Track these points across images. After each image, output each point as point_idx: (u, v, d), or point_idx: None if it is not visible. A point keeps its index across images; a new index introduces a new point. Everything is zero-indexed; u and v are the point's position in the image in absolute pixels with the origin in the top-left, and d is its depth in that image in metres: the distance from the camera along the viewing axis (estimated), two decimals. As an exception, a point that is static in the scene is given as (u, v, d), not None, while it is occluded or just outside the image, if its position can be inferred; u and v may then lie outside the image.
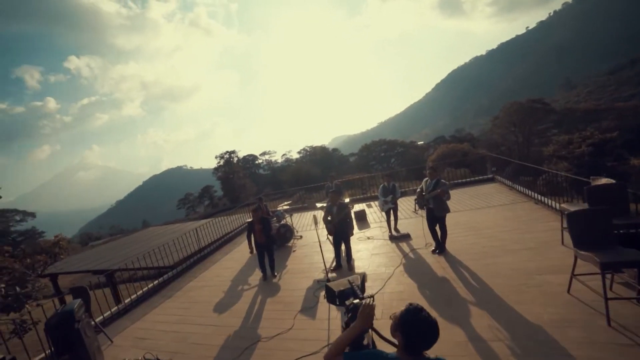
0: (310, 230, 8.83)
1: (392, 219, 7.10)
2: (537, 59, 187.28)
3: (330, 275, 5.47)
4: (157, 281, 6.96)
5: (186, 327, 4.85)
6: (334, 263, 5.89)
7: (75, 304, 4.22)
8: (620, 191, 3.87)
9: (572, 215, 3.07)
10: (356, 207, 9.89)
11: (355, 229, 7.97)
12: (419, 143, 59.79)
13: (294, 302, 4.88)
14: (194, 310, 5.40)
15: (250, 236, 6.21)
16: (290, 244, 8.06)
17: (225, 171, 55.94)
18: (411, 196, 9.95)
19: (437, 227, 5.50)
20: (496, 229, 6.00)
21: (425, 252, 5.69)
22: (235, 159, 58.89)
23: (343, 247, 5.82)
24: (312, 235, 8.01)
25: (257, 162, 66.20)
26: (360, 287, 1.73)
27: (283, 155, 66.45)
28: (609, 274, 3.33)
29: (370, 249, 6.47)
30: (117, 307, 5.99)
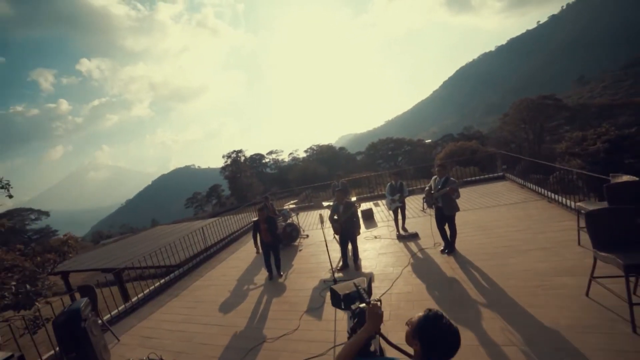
0: (316, 229, 8.75)
1: (399, 218, 6.97)
2: (548, 54, 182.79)
3: (336, 275, 5.39)
4: (164, 280, 6.98)
5: (192, 326, 4.84)
6: (341, 263, 5.81)
7: (82, 302, 4.24)
8: (644, 189, 3.66)
9: (591, 214, 2.91)
10: (363, 205, 9.77)
11: (362, 228, 7.86)
12: (426, 141, 59.13)
13: (300, 302, 4.82)
14: (200, 310, 5.39)
15: (256, 235, 6.17)
16: (296, 243, 8.00)
17: (232, 170, 56.30)
18: (419, 195, 9.78)
19: (446, 227, 5.37)
20: (507, 229, 5.82)
21: (433, 252, 5.56)
22: (242, 158, 59.21)
23: (350, 246, 5.73)
24: (318, 234, 7.93)
25: (264, 161, 66.42)
26: (366, 291, 1.63)
27: (290, 154, 66.55)
28: (633, 276, 3.14)
29: (377, 249, 6.36)
30: (124, 305, 6.02)
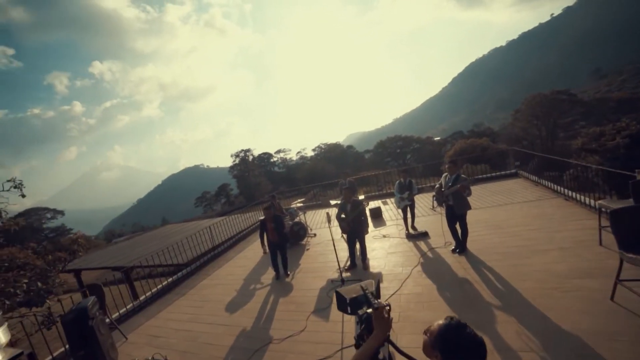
0: (324, 228, 8.66)
1: (408, 216, 6.82)
2: (562, 48, 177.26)
3: (344, 275, 5.28)
4: (172, 279, 7.00)
5: (198, 326, 4.81)
6: (349, 262, 5.70)
7: (89, 301, 4.24)
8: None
9: (617, 212, 2.72)
10: (371, 204, 9.63)
11: (371, 227, 7.73)
12: (435, 139, 58.28)
13: (307, 302, 4.73)
14: (206, 309, 5.36)
15: (263, 235, 6.11)
16: (303, 242, 7.92)
17: (240, 169, 56.70)
18: (428, 193, 9.58)
19: (457, 225, 5.20)
20: (522, 227, 5.60)
21: (444, 252, 5.40)
22: (251, 157, 59.56)
23: (358, 245, 5.62)
24: (326, 233, 7.84)
25: (272, 160, 66.62)
26: (374, 294, 1.52)
27: (298, 152, 66.56)
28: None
29: (386, 248, 6.22)
30: (132, 303, 6.05)
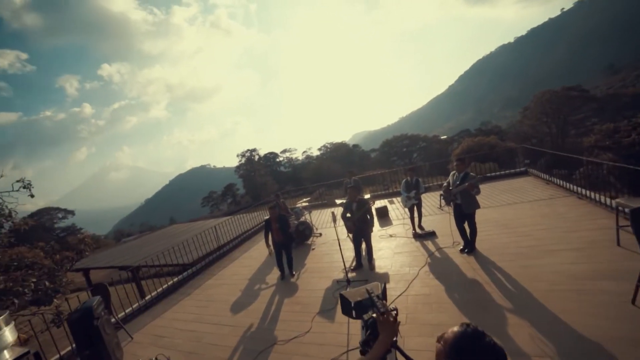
0: (329, 228, 8.58)
1: (415, 215, 6.69)
2: (573, 44, 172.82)
3: (350, 275, 5.20)
4: (177, 278, 7.00)
5: (202, 326, 4.78)
6: (354, 262, 5.61)
7: (94, 301, 4.24)
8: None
9: (638, 212, 2.58)
10: (378, 203, 9.52)
11: (377, 226, 7.62)
12: (442, 137, 57.66)
13: (312, 303, 4.66)
14: (211, 309, 5.33)
15: (268, 235, 6.06)
16: (309, 241, 7.86)
17: (246, 169, 56.94)
18: (436, 191, 9.42)
19: (466, 224, 5.07)
20: (533, 227, 5.44)
21: (452, 252, 5.27)
22: (257, 156, 59.75)
23: (364, 245, 5.53)
24: (332, 233, 7.76)
25: (277, 159, 66.72)
26: (380, 298, 1.44)
27: (303, 152, 66.50)
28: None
29: (392, 248, 6.12)
30: (138, 303, 6.06)
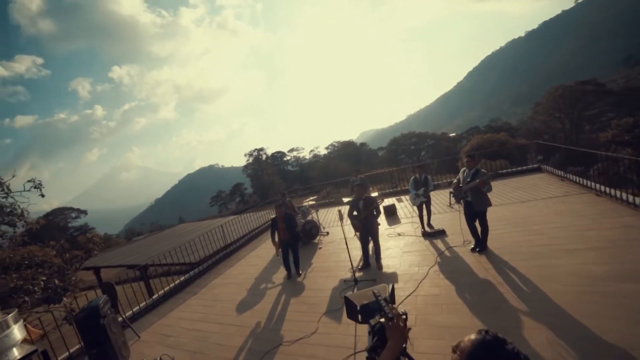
0: (337, 227, 8.48)
1: (424, 213, 6.53)
2: (587, 36, 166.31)
3: (357, 274, 5.09)
4: (184, 277, 7.01)
5: (208, 325, 4.75)
6: (362, 262, 5.50)
7: (101, 300, 4.25)
8: None
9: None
10: (386, 201, 9.38)
11: (385, 225, 7.50)
12: (450, 135, 56.86)
13: (319, 303, 4.58)
14: (217, 309, 5.30)
15: (274, 233, 5.99)
16: (316, 240, 7.78)
17: (254, 168, 57.24)
18: (445, 189, 9.22)
19: (477, 223, 4.91)
20: (548, 225, 5.22)
21: (463, 251, 5.11)
22: (264, 156, 59.99)
23: (371, 244, 5.41)
24: (339, 232, 7.66)
25: (285, 158, 66.87)
26: (388, 301, 1.33)
27: (311, 151, 66.48)
28: None
29: (401, 247, 5.98)
30: (145, 302, 6.08)
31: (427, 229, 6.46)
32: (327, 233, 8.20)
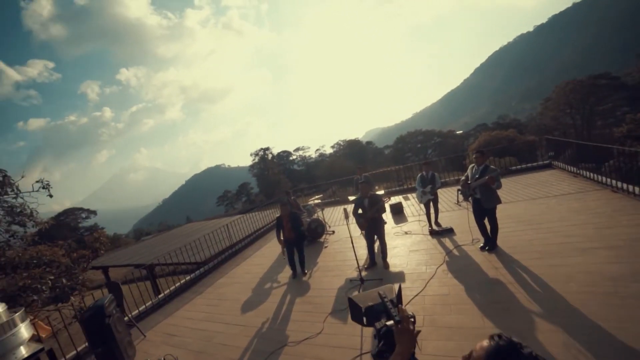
0: (343, 225, 8.39)
1: (431, 211, 6.40)
2: (599, 29, 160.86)
3: (363, 274, 5.00)
4: (190, 277, 7.00)
5: (213, 325, 4.71)
6: (368, 261, 5.41)
7: (106, 299, 4.25)
8: None
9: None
10: (392, 199, 9.25)
11: (392, 223, 7.38)
12: (457, 132, 56.17)
13: (325, 303, 4.50)
14: (222, 308, 5.27)
15: (280, 232, 5.93)
16: (322, 239, 7.70)
17: (260, 168, 57.43)
18: (453, 187, 9.05)
19: (486, 221, 4.76)
20: (561, 223, 5.05)
21: (472, 249, 4.98)
22: (270, 155, 60.14)
23: (377, 243, 5.31)
24: (345, 230, 7.57)
25: (291, 158, 66.94)
26: (395, 302, 1.25)
27: (317, 150, 66.44)
28: None
29: (408, 245, 5.86)
30: (151, 301, 6.08)
31: (434, 227, 6.33)
32: (333, 232, 8.12)
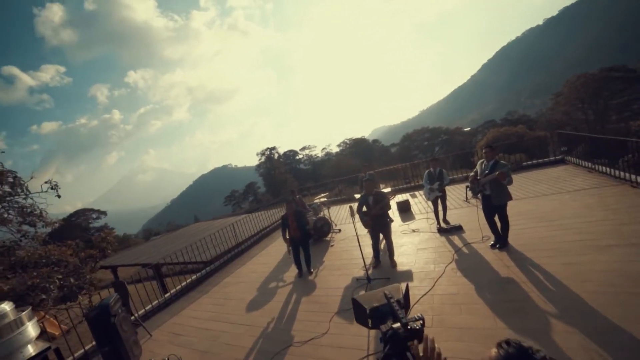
0: (349, 224, 8.29)
1: (440, 209, 6.25)
2: (611, 22, 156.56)
3: (370, 272, 4.90)
4: (196, 276, 7.00)
5: (219, 325, 4.68)
6: (374, 260, 5.30)
7: (112, 298, 4.25)
8: None
9: None
10: (399, 197, 9.10)
11: (399, 221, 7.26)
12: (465, 129, 55.37)
13: (330, 302, 4.42)
14: (228, 308, 5.23)
15: (285, 231, 5.87)
16: (328, 238, 7.62)
17: (267, 167, 57.56)
18: (461, 184, 8.87)
19: (496, 218, 4.61)
20: (576, 219, 4.86)
21: (482, 247, 4.83)
22: (276, 155, 60.23)
23: (384, 242, 5.20)
24: (351, 229, 7.48)
25: (297, 157, 66.95)
26: (402, 304, 1.15)
27: (323, 149, 66.33)
28: None
29: (415, 243, 5.74)
30: (158, 301, 6.09)
31: (442, 224, 6.19)
32: (339, 230, 8.03)
